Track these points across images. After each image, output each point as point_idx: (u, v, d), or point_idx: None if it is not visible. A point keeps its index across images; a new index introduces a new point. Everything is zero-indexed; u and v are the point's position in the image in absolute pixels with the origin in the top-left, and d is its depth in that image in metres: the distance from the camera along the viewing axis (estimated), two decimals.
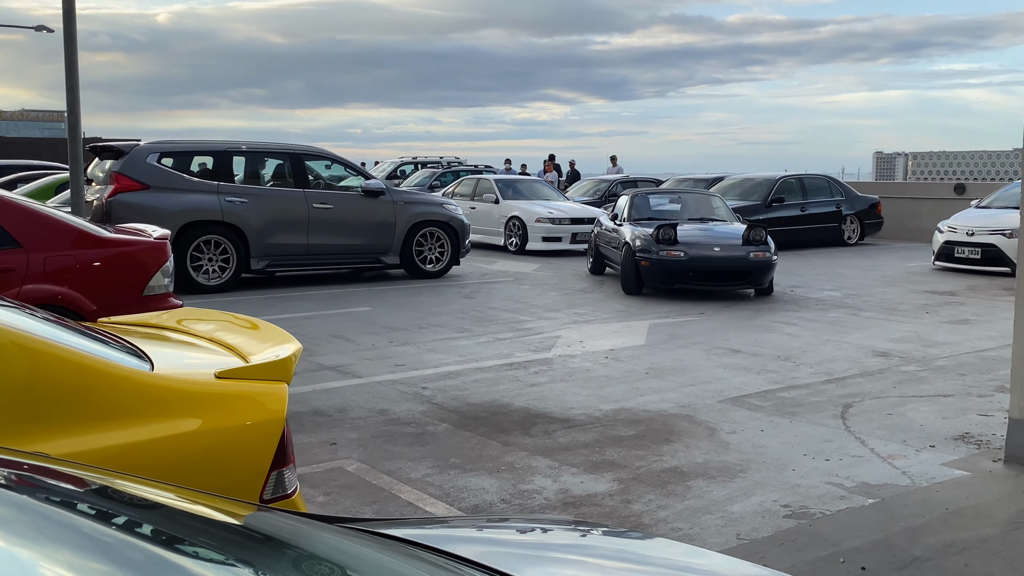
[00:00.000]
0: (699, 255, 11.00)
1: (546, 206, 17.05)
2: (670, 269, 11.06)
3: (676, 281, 11.12)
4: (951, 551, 3.85)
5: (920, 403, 6.28)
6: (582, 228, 16.30)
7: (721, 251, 11.04)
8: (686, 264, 10.96)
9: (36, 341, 2.45)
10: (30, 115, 61.24)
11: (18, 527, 1.14)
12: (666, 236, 11.15)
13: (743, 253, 10.97)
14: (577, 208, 17.66)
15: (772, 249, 11.10)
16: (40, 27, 29.76)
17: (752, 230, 11.26)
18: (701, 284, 11.14)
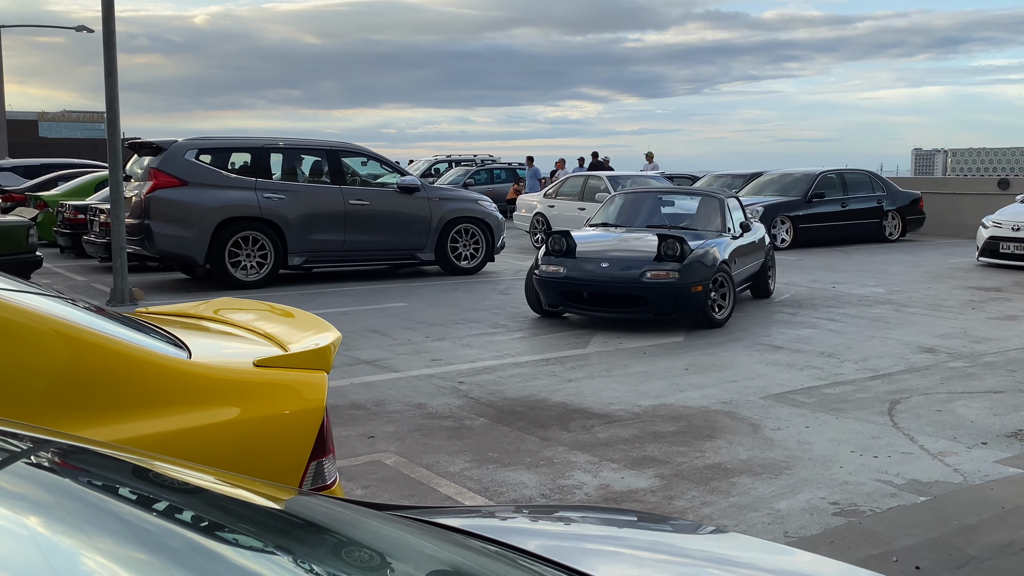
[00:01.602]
0: (580, 272, 8.67)
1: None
2: (549, 287, 8.93)
3: (559, 302, 8.97)
4: (1010, 551, 3.72)
5: (970, 399, 6.11)
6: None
7: (610, 268, 8.57)
8: (563, 283, 8.77)
9: (76, 329, 2.42)
10: (71, 116, 62.22)
11: (60, 513, 1.09)
12: (556, 246, 8.93)
13: (635, 273, 8.42)
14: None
15: (693, 267, 8.47)
16: (80, 27, 30.17)
17: (666, 242, 8.50)
18: (585, 309, 8.85)
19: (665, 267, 8.42)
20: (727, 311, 8.90)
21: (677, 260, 8.43)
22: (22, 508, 1.07)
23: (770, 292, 10.77)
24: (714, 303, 8.74)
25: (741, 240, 9.76)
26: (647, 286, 8.38)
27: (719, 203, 10.13)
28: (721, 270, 8.76)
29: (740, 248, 9.61)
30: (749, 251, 9.95)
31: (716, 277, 8.68)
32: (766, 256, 10.63)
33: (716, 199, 10.21)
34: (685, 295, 8.40)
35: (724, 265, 8.84)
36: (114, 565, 0.98)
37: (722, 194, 10.42)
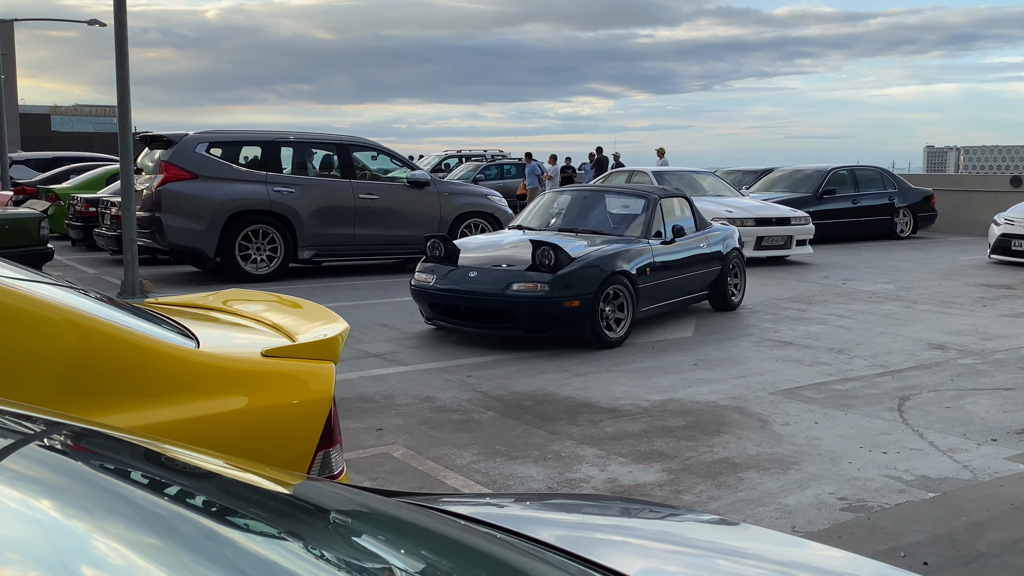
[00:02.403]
0: (447, 283, 7.71)
1: (722, 203, 13.97)
2: (420, 298, 8.08)
3: (431, 315, 8.10)
4: (1018, 547, 3.70)
5: (980, 396, 6.09)
6: (770, 231, 13.62)
7: (478, 278, 7.59)
8: (431, 294, 7.85)
9: (85, 318, 2.43)
10: (83, 110, 62.41)
11: (72, 497, 1.09)
12: (433, 252, 8.03)
13: (500, 286, 7.42)
14: (761, 206, 14.41)
15: (570, 279, 7.39)
16: (93, 21, 30.26)
17: (539, 250, 7.44)
18: (456, 324, 7.88)
19: (534, 279, 7.36)
20: (623, 330, 7.74)
21: (551, 270, 7.36)
22: (35, 491, 1.08)
23: (732, 305, 9.53)
24: (607, 319, 7.62)
25: (671, 247, 8.55)
26: (511, 300, 7.34)
27: (647, 204, 8.82)
28: (617, 282, 7.63)
29: (666, 256, 8.44)
30: (689, 260, 8.80)
31: (610, 290, 7.59)
32: (726, 265, 9.40)
33: (645, 200, 8.91)
34: (556, 311, 7.32)
35: (623, 276, 7.70)
36: (125, 549, 0.99)
37: (657, 194, 9.07)
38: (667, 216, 8.88)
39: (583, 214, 9.05)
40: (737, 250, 9.70)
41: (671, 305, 8.77)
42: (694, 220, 9.33)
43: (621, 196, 9.24)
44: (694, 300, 9.22)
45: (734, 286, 9.59)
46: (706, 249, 9.15)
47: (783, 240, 13.76)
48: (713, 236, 9.46)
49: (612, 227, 8.74)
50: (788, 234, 13.76)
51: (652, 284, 8.17)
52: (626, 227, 8.68)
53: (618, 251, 7.94)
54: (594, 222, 8.87)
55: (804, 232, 13.95)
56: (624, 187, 9.98)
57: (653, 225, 8.66)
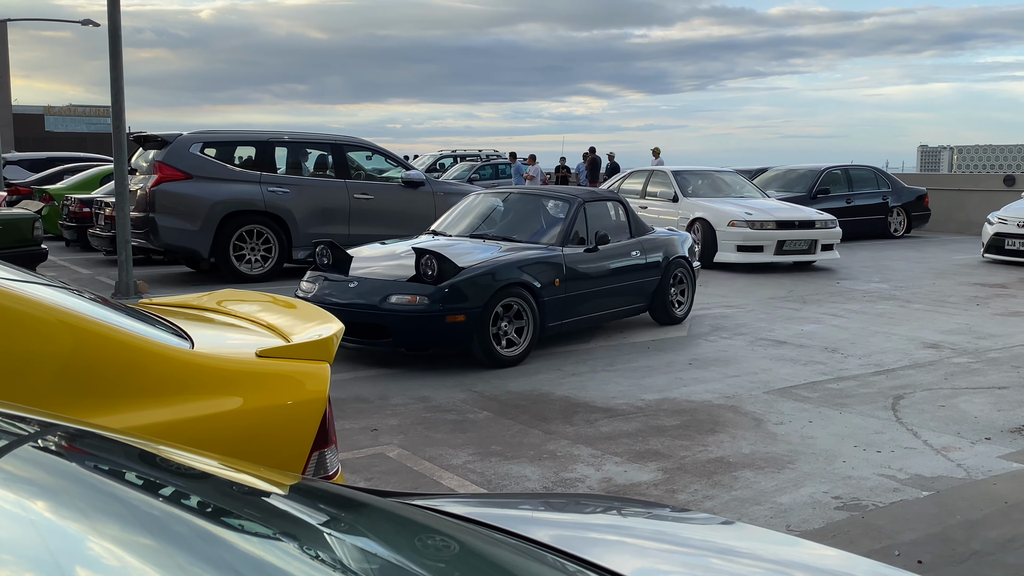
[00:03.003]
0: (326, 293, 7.10)
1: (742, 204, 13.34)
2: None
3: None
4: (1012, 546, 3.72)
5: (974, 395, 6.11)
6: (793, 234, 12.85)
7: (357, 289, 7.00)
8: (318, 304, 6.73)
9: (79, 319, 2.43)
10: (77, 111, 62.27)
11: (66, 498, 1.09)
12: (321, 259, 7.45)
13: (377, 298, 6.82)
14: (784, 208, 13.61)
15: (453, 292, 6.70)
16: (87, 21, 30.20)
17: (422, 259, 6.82)
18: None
19: (413, 291, 6.76)
20: (522, 347, 7.05)
21: (433, 281, 6.73)
22: (29, 492, 1.08)
23: (675, 318, 8.71)
24: (503, 335, 6.96)
25: (592, 256, 7.79)
26: (387, 314, 6.72)
27: (570, 209, 8.05)
28: (514, 294, 6.95)
29: (584, 266, 7.70)
30: (617, 269, 8.05)
31: (506, 303, 6.92)
32: (667, 274, 8.58)
33: (568, 204, 8.13)
34: (438, 326, 6.67)
35: (522, 288, 7.01)
36: (120, 550, 0.98)
37: (583, 197, 8.26)
38: (593, 222, 8.09)
39: (502, 219, 8.38)
40: (683, 259, 8.83)
41: (595, 319, 8.05)
42: (629, 226, 8.52)
43: (544, 199, 8.46)
44: (629, 312, 8.48)
45: (677, 297, 8.79)
46: (639, 258, 8.36)
47: (807, 244, 13.01)
48: (651, 243, 8.60)
49: (528, 233, 7.97)
50: (812, 238, 13.01)
51: (565, 296, 7.42)
52: (543, 233, 7.94)
53: (520, 260, 7.17)
54: (510, 227, 8.14)
55: (830, 236, 13.21)
56: (549, 190, 9.05)
57: (574, 231, 7.90)
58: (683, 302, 8.87)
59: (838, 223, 13.43)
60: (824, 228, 13.16)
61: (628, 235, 8.46)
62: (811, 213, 13.36)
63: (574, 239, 7.87)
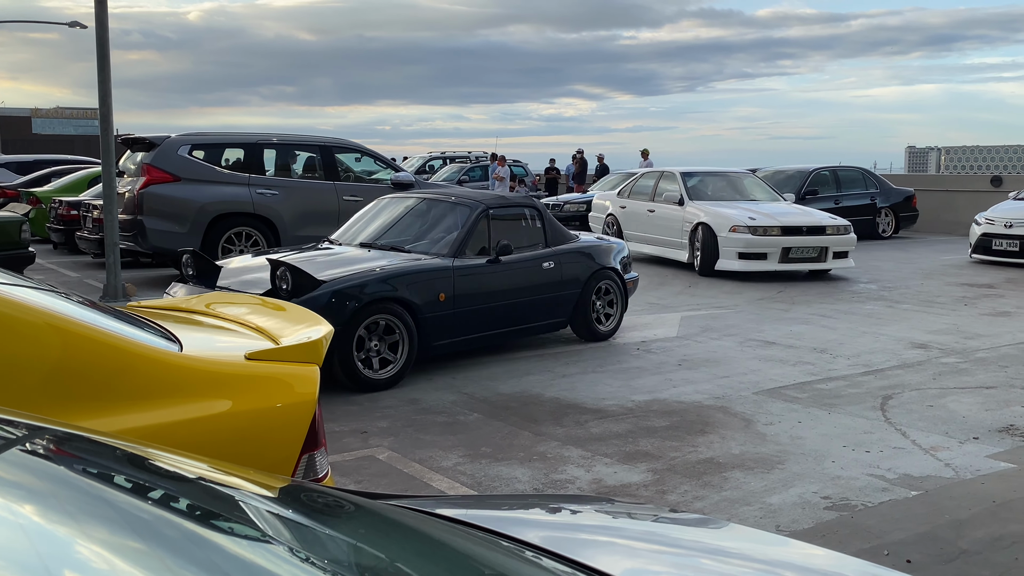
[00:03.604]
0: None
1: (749, 208, 12.49)
2: None
3: None
4: (1000, 544, 3.74)
5: (962, 395, 6.14)
6: (800, 241, 11.93)
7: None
8: None
9: (68, 322, 2.42)
10: (65, 113, 62.00)
11: (55, 501, 1.09)
12: (187, 270, 7.02)
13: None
14: (794, 212, 12.64)
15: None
16: (74, 23, 30.08)
17: (278, 272, 6.29)
18: None
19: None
20: (396, 367, 6.44)
21: (288, 296, 6.12)
22: (17, 496, 1.07)
23: (600, 334, 8.05)
24: (373, 356, 6.36)
25: (491, 268, 7.16)
26: None
27: (469, 216, 7.40)
28: (386, 311, 6.38)
29: (479, 279, 7.06)
30: (523, 283, 7.38)
31: (373, 320, 6.33)
32: (589, 287, 7.94)
33: (468, 210, 7.47)
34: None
35: (394, 304, 6.42)
36: (109, 554, 0.98)
37: (486, 204, 7.59)
38: (500, 230, 7.47)
39: (401, 226, 7.72)
40: (611, 270, 8.17)
41: (499, 336, 7.38)
42: (544, 235, 7.85)
43: (446, 206, 7.70)
44: (544, 328, 7.81)
45: (604, 311, 8.15)
46: (554, 269, 7.68)
47: (816, 252, 12.03)
48: (570, 254, 7.91)
49: (422, 242, 7.36)
50: (822, 245, 12.02)
51: (453, 312, 6.80)
52: (437, 243, 7.27)
53: (394, 273, 6.54)
54: (406, 236, 7.53)
55: (843, 243, 12.22)
56: (454, 195, 8.14)
57: (471, 241, 7.26)
58: (611, 316, 8.20)
59: (852, 229, 12.46)
60: (836, 234, 12.19)
61: (543, 244, 7.79)
62: (822, 218, 12.40)
63: (474, 249, 7.25)
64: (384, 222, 7.88)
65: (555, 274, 7.69)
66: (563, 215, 20.26)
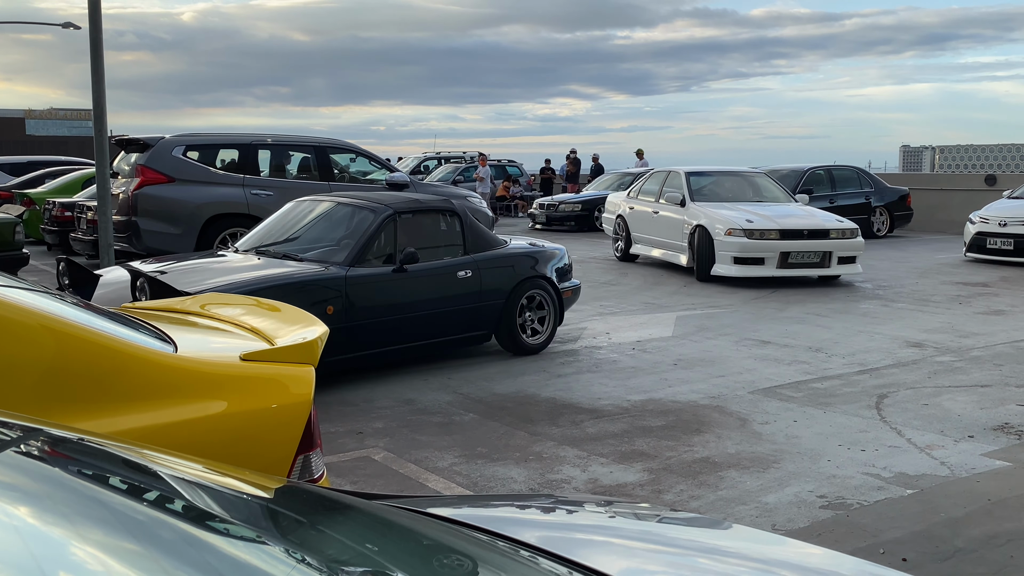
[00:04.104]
0: None
1: (750, 210, 11.86)
2: None
3: None
4: (995, 543, 3.74)
5: (957, 393, 6.15)
6: (800, 245, 11.29)
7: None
8: None
9: (62, 323, 2.41)
10: (58, 114, 61.86)
11: (50, 503, 1.09)
12: (61, 281, 6.57)
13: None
14: (798, 214, 11.97)
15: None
16: (67, 24, 30.01)
17: (139, 282, 5.96)
18: None
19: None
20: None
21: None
22: (12, 498, 1.07)
23: (527, 347, 7.48)
24: None
25: (395, 278, 6.63)
26: None
27: (372, 221, 6.87)
28: None
29: (377, 290, 6.54)
30: (431, 294, 6.83)
31: None
32: (515, 298, 7.38)
33: (372, 215, 6.94)
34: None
35: None
36: (104, 555, 0.98)
37: (394, 208, 6.99)
38: (409, 236, 6.97)
39: (303, 232, 7.28)
40: (542, 279, 7.61)
41: (407, 351, 6.88)
42: (463, 241, 7.28)
43: (351, 210, 7.15)
44: (462, 342, 7.31)
45: (533, 324, 7.58)
46: (471, 279, 7.14)
47: (818, 257, 11.36)
48: (492, 262, 7.34)
49: (319, 249, 6.86)
50: (824, 249, 11.36)
51: (346, 326, 6.28)
52: (333, 250, 6.78)
53: (267, 284, 5.99)
54: (305, 242, 7.08)
55: (849, 247, 11.53)
56: (361, 199, 7.39)
57: (373, 249, 6.75)
58: (540, 330, 7.62)
59: (859, 232, 11.78)
60: (841, 238, 11.50)
61: (461, 251, 7.23)
62: (826, 221, 11.73)
63: (379, 257, 6.78)
64: (291, 227, 7.38)
65: (473, 283, 7.14)
66: (558, 215, 20.31)
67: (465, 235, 7.33)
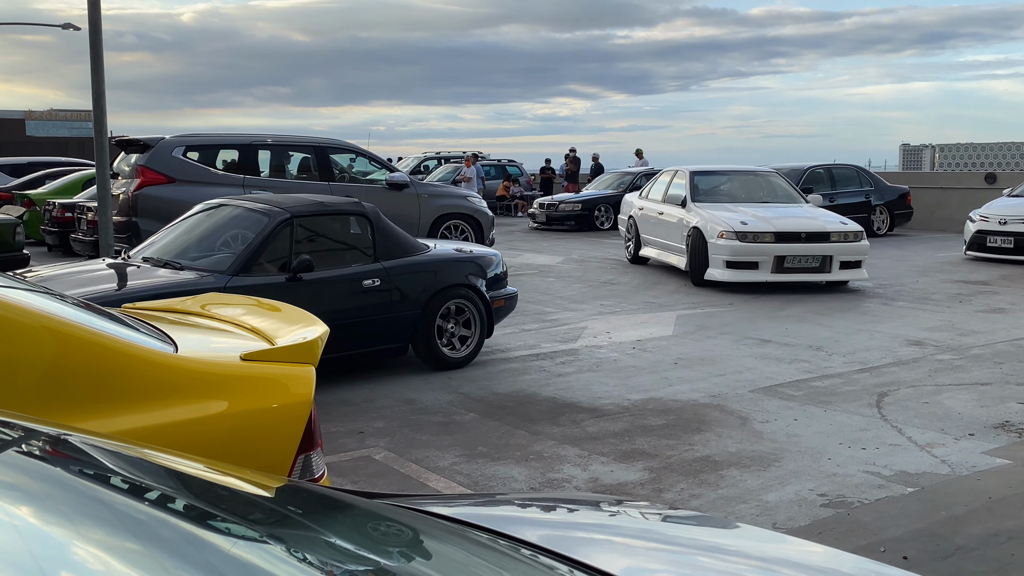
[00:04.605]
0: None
1: (750, 212, 11.29)
2: None
3: None
4: (996, 540, 3.74)
5: (957, 391, 6.15)
6: (797, 249, 10.69)
7: None
8: None
9: (63, 323, 2.41)
10: (58, 115, 61.85)
11: (51, 503, 1.09)
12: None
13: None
14: (800, 215, 11.43)
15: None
16: (67, 25, 30.01)
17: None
18: None
19: None
20: None
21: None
22: (13, 498, 1.07)
23: (449, 362, 6.94)
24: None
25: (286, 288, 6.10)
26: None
27: (265, 227, 6.37)
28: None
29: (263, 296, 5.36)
30: (334, 304, 6.29)
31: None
32: (432, 309, 6.84)
33: (266, 219, 6.43)
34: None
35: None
36: (105, 555, 0.98)
37: (290, 212, 6.49)
38: (309, 243, 6.58)
39: (196, 237, 6.77)
40: (467, 287, 7.05)
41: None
42: (373, 247, 6.76)
43: (244, 214, 6.67)
44: (373, 355, 6.88)
45: (454, 336, 7.04)
46: (378, 288, 6.63)
47: (817, 261, 10.73)
48: (405, 270, 6.80)
49: (205, 258, 6.42)
50: (824, 253, 10.73)
51: None
52: (218, 258, 6.33)
53: (132, 295, 5.49)
54: (195, 249, 6.58)
55: (851, 251, 10.88)
56: (255, 202, 6.86)
57: (263, 256, 6.29)
58: (465, 342, 7.07)
59: (864, 235, 11.12)
60: (843, 241, 10.85)
61: (371, 258, 6.72)
62: (828, 223, 11.07)
63: (273, 264, 6.35)
64: (189, 233, 6.87)
65: (382, 293, 6.63)
66: (558, 214, 20.32)
67: (376, 240, 6.79)
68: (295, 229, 6.47)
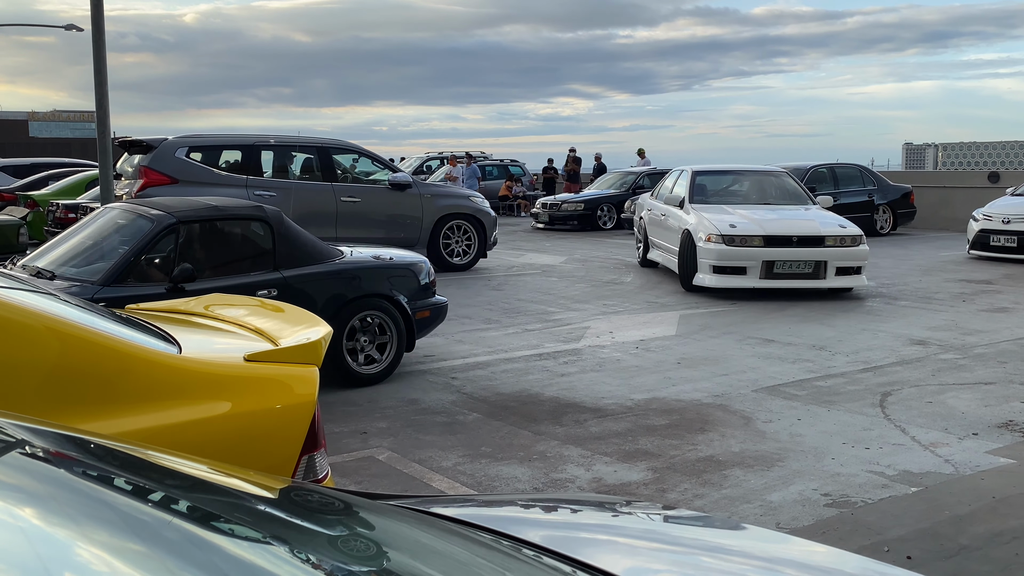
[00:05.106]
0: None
1: (745, 214, 10.75)
2: None
3: None
4: (1000, 540, 3.74)
5: (961, 391, 6.14)
6: (787, 253, 10.07)
7: None
8: None
9: (67, 325, 2.42)
10: (61, 116, 61.92)
11: (55, 504, 1.09)
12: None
13: None
14: (797, 217, 10.84)
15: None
16: (70, 26, 30.04)
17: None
18: None
19: None
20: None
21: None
22: (17, 499, 1.07)
23: (360, 378, 6.44)
24: None
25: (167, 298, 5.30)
26: None
27: (147, 230, 5.91)
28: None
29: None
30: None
31: None
32: (345, 319, 6.38)
33: (151, 224, 5.94)
34: None
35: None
36: (110, 556, 0.98)
37: (177, 216, 6.01)
38: (199, 250, 6.18)
39: (82, 244, 6.22)
40: (382, 297, 6.54)
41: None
42: (273, 254, 6.25)
43: (131, 218, 6.16)
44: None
45: (369, 350, 6.55)
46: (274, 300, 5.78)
47: (810, 267, 10.10)
48: (308, 279, 6.30)
49: (81, 267, 5.91)
50: (817, 258, 10.09)
51: None
52: (91, 268, 5.86)
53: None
54: (74, 257, 6.07)
55: (848, 256, 10.21)
56: (144, 205, 6.41)
57: (142, 264, 5.87)
58: (378, 358, 6.56)
59: (863, 239, 10.44)
60: (839, 246, 10.19)
61: (270, 266, 6.23)
62: (824, 227, 10.37)
63: (156, 273, 5.94)
64: (74, 240, 6.32)
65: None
66: (561, 214, 20.31)
67: (277, 247, 6.26)
68: (181, 235, 6.00)
